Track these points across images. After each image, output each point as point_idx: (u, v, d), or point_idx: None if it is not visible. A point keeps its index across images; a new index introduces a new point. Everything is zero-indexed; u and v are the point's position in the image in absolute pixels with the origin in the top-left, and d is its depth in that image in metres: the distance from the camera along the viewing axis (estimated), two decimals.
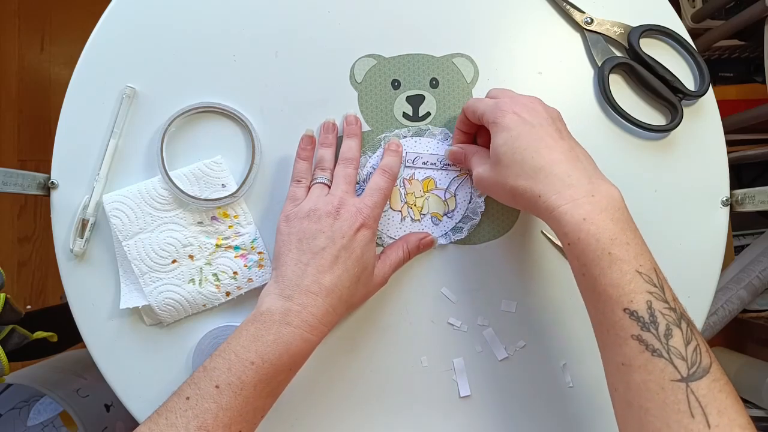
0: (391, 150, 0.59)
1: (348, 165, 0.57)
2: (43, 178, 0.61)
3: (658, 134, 0.61)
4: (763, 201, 0.58)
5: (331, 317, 0.51)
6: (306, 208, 0.54)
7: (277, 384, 0.49)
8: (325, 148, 0.59)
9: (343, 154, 0.58)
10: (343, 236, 0.51)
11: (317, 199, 0.54)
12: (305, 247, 0.52)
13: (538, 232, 0.61)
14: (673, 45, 0.62)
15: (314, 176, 0.57)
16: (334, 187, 0.55)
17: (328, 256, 0.51)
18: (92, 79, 0.61)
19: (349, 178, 0.56)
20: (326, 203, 0.53)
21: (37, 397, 1.01)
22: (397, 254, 0.57)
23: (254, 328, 0.49)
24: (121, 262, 0.59)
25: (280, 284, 0.51)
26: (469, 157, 0.57)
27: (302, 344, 0.49)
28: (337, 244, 0.51)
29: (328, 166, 0.58)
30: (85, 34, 0.62)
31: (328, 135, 0.59)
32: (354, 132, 0.59)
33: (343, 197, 0.54)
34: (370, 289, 0.55)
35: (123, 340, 0.60)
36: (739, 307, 1.07)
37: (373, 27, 0.62)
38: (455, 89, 0.61)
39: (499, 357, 0.60)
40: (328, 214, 0.53)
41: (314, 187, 0.56)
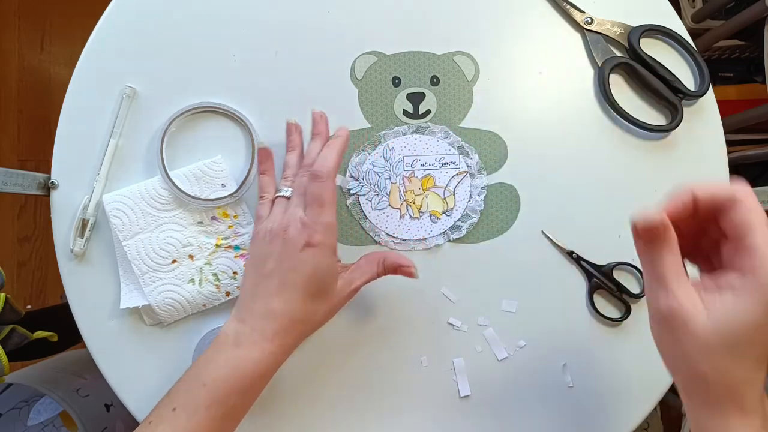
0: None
1: (305, 172, 0.54)
2: (43, 178, 0.61)
3: (658, 134, 0.61)
4: (764, 201, 0.58)
5: (286, 339, 0.50)
6: (265, 229, 0.53)
7: (232, 407, 0.48)
8: (289, 153, 0.57)
9: (304, 159, 0.55)
10: (290, 257, 0.50)
11: (274, 217, 0.53)
12: (258, 271, 0.51)
13: (539, 231, 0.61)
14: (673, 45, 0.62)
15: (277, 188, 0.56)
16: (291, 200, 0.53)
17: (276, 279, 0.50)
18: (92, 79, 0.61)
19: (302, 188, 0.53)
20: (279, 224, 0.51)
21: (37, 397, 1.01)
22: (370, 270, 0.54)
23: (210, 351, 0.49)
24: (121, 262, 0.59)
25: (237, 307, 0.51)
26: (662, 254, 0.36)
27: (253, 366, 0.48)
28: (284, 265, 0.50)
29: (291, 174, 0.56)
30: (85, 34, 0.62)
31: (291, 137, 0.57)
32: (319, 131, 0.56)
33: (293, 214, 0.51)
34: (334, 303, 0.52)
35: (123, 340, 0.60)
36: None
37: (374, 24, 0.62)
38: (456, 87, 0.61)
39: (499, 357, 0.60)
40: (278, 235, 0.51)
41: (276, 202, 0.55)
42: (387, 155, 0.61)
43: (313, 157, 0.54)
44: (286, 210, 0.52)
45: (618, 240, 0.60)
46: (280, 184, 0.56)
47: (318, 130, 0.56)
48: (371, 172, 0.61)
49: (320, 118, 0.57)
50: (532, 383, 0.60)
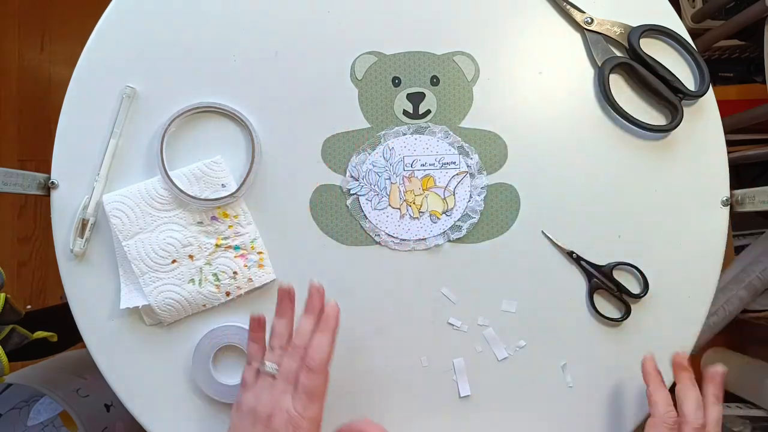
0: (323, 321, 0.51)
1: (294, 354, 0.50)
2: (43, 178, 0.61)
3: (658, 134, 0.61)
4: (763, 201, 0.58)
5: None
6: (247, 405, 0.50)
7: None
8: (279, 320, 0.53)
9: (293, 338, 0.52)
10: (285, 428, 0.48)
11: (260, 395, 0.50)
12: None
13: (539, 231, 0.61)
14: (673, 45, 0.62)
15: (263, 360, 0.52)
16: (277, 382, 0.50)
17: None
18: (92, 79, 0.61)
19: (292, 375, 0.50)
20: (263, 407, 0.49)
21: (37, 397, 1.01)
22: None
23: None
24: (121, 262, 0.59)
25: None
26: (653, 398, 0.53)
27: None
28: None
29: (278, 344, 0.52)
30: (85, 34, 0.62)
31: (283, 304, 0.53)
32: (313, 306, 0.52)
33: (279, 401, 0.49)
34: None
35: (123, 340, 0.60)
36: (740, 307, 1.07)
37: (374, 24, 0.62)
38: (456, 87, 0.61)
39: (499, 357, 0.60)
40: (261, 420, 0.49)
41: (261, 377, 0.51)
42: (387, 155, 0.61)
43: (305, 337, 0.51)
44: (272, 392, 0.50)
45: (618, 240, 0.60)
46: (265, 356, 0.52)
47: (313, 307, 0.52)
48: (371, 172, 0.61)
49: (317, 292, 0.53)
50: (532, 383, 0.60)
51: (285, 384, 0.50)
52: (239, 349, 0.59)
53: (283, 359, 0.51)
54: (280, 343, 0.52)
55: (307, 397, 0.49)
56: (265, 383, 0.50)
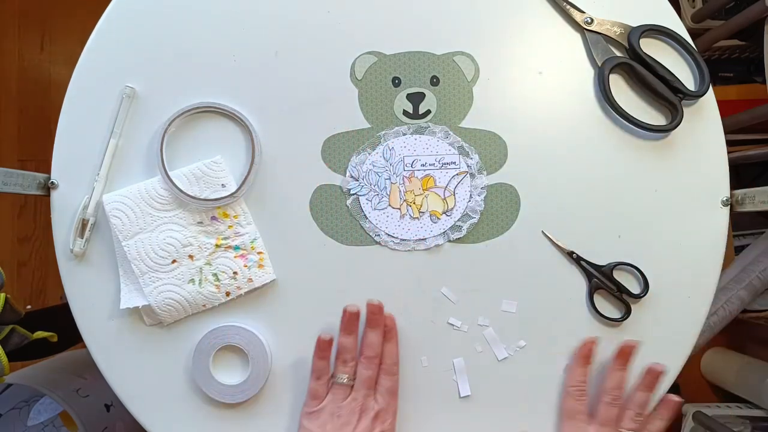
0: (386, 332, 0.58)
1: (369, 366, 0.57)
2: (43, 178, 0.61)
3: (658, 134, 0.61)
4: (763, 201, 0.58)
5: None
6: (329, 412, 0.56)
7: None
8: (346, 336, 0.58)
9: (363, 351, 0.57)
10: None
11: (341, 402, 0.56)
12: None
13: (539, 231, 0.61)
14: (673, 45, 0.62)
15: (335, 373, 0.58)
16: (356, 390, 0.57)
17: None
18: (92, 79, 0.61)
19: (370, 381, 0.57)
20: (349, 410, 0.56)
21: (37, 397, 1.01)
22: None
23: None
24: (121, 262, 0.59)
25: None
26: None
27: None
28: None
29: (350, 358, 0.57)
30: (85, 34, 0.62)
31: (350, 323, 0.58)
32: (377, 322, 0.58)
33: (365, 404, 0.56)
34: None
35: (123, 340, 0.60)
36: (739, 307, 1.07)
37: (374, 24, 0.62)
38: (456, 87, 0.61)
39: (499, 357, 0.60)
40: (350, 422, 0.55)
41: (335, 388, 0.57)
42: (387, 155, 0.61)
43: (376, 348, 0.57)
44: (354, 397, 0.56)
45: (618, 240, 0.60)
46: (336, 370, 0.58)
47: (376, 322, 0.58)
48: (371, 172, 0.61)
49: (379, 310, 0.58)
50: (532, 383, 0.60)
51: (366, 389, 0.57)
52: (239, 349, 0.59)
53: (360, 369, 0.57)
54: (349, 357, 0.57)
55: (389, 395, 0.57)
56: (341, 393, 0.57)
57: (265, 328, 0.61)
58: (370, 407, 0.56)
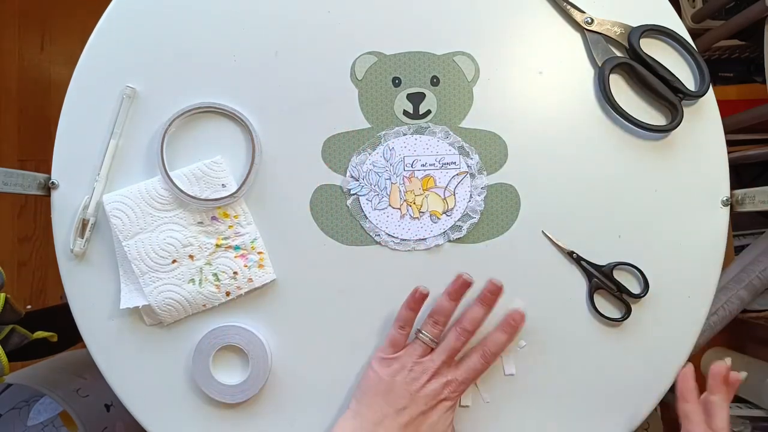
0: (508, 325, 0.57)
1: (461, 337, 0.56)
2: (43, 178, 0.61)
3: (659, 134, 0.61)
4: (763, 201, 0.58)
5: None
6: (402, 364, 0.56)
7: None
8: (450, 301, 0.57)
9: (463, 322, 0.57)
10: (425, 404, 0.55)
11: (417, 359, 0.56)
12: (390, 400, 0.55)
13: (539, 231, 0.61)
14: (674, 45, 0.62)
15: (422, 328, 0.57)
16: (436, 353, 0.56)
17: (406, 416, 0.54)
18: (92, 78, 0.62)
19: (454, 351, 0.56)
20: (422, 369, 0.55)
21: (37, 397, 1.01)
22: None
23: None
24: (121, 262, 0.59)
25: (357, 422, 0.55)
26: None
27: None
28: (418, 408, 0.55)
29: (442, 321, 0.57)
30: (85, 34, 0.62)
31: (460, 290, 0.57)
32: (489, 301, 0.57)
33: (439, 369, 0.56)
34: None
35: (123, 340, 0.60)
36: (739, 307, 1.07)
37: (374, 25, 0.62)
38: (456, 87, 0.61)
39: (506, 371, 0.60)
40: (419, 379, 0.55)
41: (416, 342, 0.57)
42: (387, 155, 0.61)
43: (475, 323, 0.57)
44: (432, 360, 0.56)
45: (618, 240, 0.60)
46: (426, 326, 0.57)
47: (487, 299, 0.57)
48: (371, 172, 0.61)
49: (497, 289, 0.58)
50: (532, 383, 0.60)
51: (446, 356, 0.56)
52: (239, 349, 0.59)
53: (449, 336, 0.56)
54: (441, 320, 0.57)
55: (471, 372, 0.56)
56: (419, 349, 0.56)
57: (265, 328, 0.61)
58: (444, 373, 0.56)
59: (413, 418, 0.54)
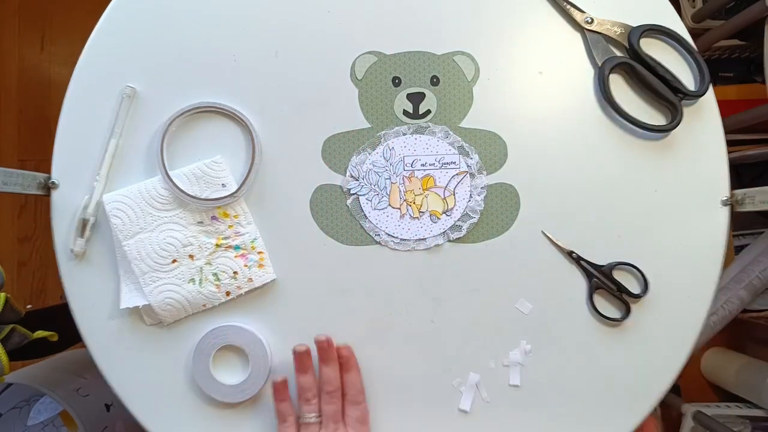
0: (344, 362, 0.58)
1: (332, 400, 0.57)
2: (44, 178, 0.61)
3: (658, 134, 0.61)
4: (763, 201, 0.58)
5: None
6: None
7: None
8: (302, 375, 0.58)
9: (324, 387, 0.57)
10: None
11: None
12: None
13: (539, 231, 0.61)
14: (674, 45, 0.62)
15: (301, 413, 0.57)
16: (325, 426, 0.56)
17: None
18: (92, 78, 0.62)
19: (336, 413, 0.57)
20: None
21: (37, 397, 1.01)
22: None
23: None
24: (121, 262, 0.59)
25: None
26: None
27: None
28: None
29: (312, 396, 0.57)
30: (85, 34, 0.62)
31: (303, 361, 0.58)
32: (329, 357, 0.58)
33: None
34: None
35: (123, 340, 0.60)
36: (739, 307, 1.07)
37: (374, 24, 0.62)
38: (456, 87, 0.61)
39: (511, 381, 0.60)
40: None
41: (304, 428, 0.57)
42: (387, 155, 0.61)
43: (334, 383, 0.57)
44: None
45: (618, 240, 0.60)
46: (301, 409, 0.57)
47: (328, 358, 0.58)
48: (371, 172, 0.61)
49: (328, 345, 0.58)
50: (532, 383, 0.60)
51: (334, 423, 0.56)
52: (239, 349, 0.59)
53: (324, 406, 0.57)
54: (310, 395, 0.57)
55: (359, 423, 0.57)
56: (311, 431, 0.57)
57: (265, 328, 0.61)
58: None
59: None
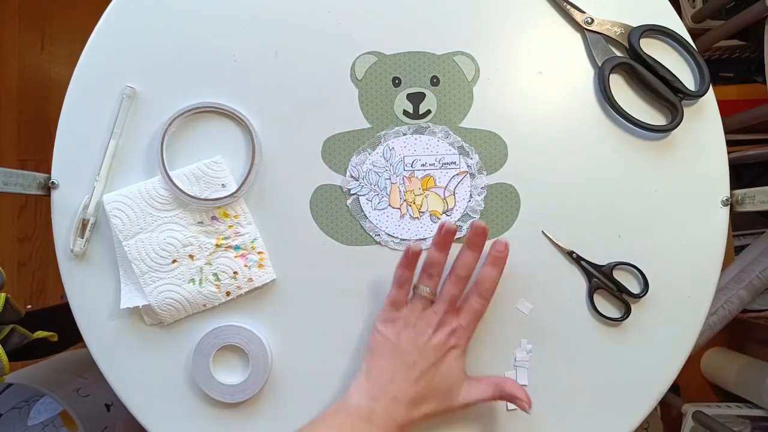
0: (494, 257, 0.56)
1: (457, 283, 0.56)
2: (44, 178, 0.61)
3: (659, 134, 0.61)
4: (763, 201, 0.58)
5: (408, 424, 0.54)
6: (405, 321, 0.56)
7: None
8: (439, 251, 0.56)
9: (456, 269, 0.56)
10: (434, 355, 0.55)
11: (419, 313, 0.56)
12: (398, 357, 0.55)
13: (539, 231, 0.61)
14: (674, 45, 0.62)
15: (418, 284, 0.56)
16: (437, 304, 0.56)
17: (417, 370, 0.54)
18: (92, 79, 0.62)
19: (454, 299, 0.56)
20: (426, 321, 0.55)
21: (38, 397, 1.01)
22: (485, 391, 0.57)
23: (340, 419, 0.54)
24: (122, 262, 0.59)
25: (370, 383, 0.55)
26: None
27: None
28: (428, 361, 0.55)
29: (436, 272, 0.56)
30: (85, 34, 0.62)
31: (446, 239, 0.56)
32: (476, 244, 0.56)
33: (442, 319, 0.55)
34: (452, 406, 0.56)
35: (123, 340, 0.60)
36: (739, 307, 1.07)
37: (374, 24, 0.62)
38: (456, 87, 0.61)
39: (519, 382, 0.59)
40: (424, 333, 0.55)
41: (416, 298, 0.56)
42: (387, 155, 0.61)
43: (468, 269, 0.56)
44: (434, 311, 0.56)
45: (618, 240, 0.60)
46: (421, 281, 0.56)
47: (475, 244, 0.56)
48: (371, 172, 0.61)
49: (483, 232, 0.56)
50: (532, 383, 0.60)
51: (447, 306, 0.55)
52: (239, 349, 0.59)
53: (446, 285, 0.56)
54: (435, 272, 0.56)
55: (473, 316, 0.56)
56: (420, 304, 0.56)
57: (265, 328, 0.61)
58: (448, 322, 0.55)
59: (424, 372, 0.54)
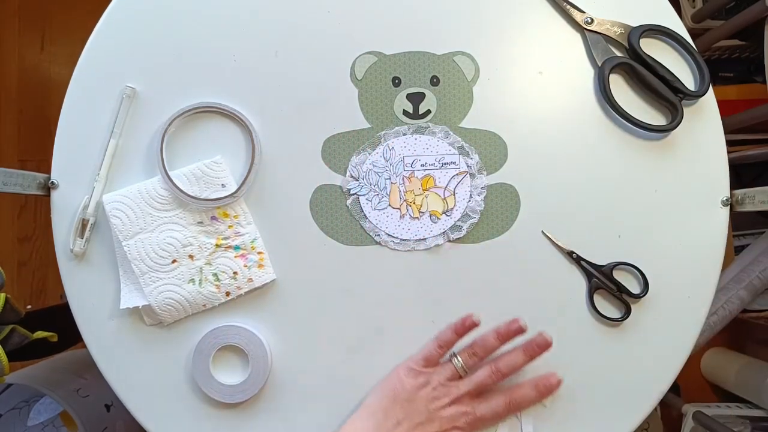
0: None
1: (493, 376, 0.56)
2: (43, 178, 0.61)
3: (659, 134, 0.61)
4: (763, 201, 0.58)
5: None
6: (429, 380, 0.56)
7: None
8: (496, 339, 0.57)
9: (500, 363, 0.57)
10: (440, 425, 0.55)
11: (444, 381, 0.56)
12: (408, 411, 0.55)
13: (539, 231, 0.61)
14: (674, 45, 0.62)
15: (458, 354, 0.57)
16: (464, 382, 0.56)
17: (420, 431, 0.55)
18: (92, 79, 0.62)
19: (482, 387, 0.56)
20: (446, 391, 0.56)
21: (37, 397, 1.01)
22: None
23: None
24: (121, 262, 0.59)
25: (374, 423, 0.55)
26: None
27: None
28: (433, 427, 0.55)
29: (480, 355, 0.57)
30: (85, 34, 0.62)
31: (511, 334, 0.57)
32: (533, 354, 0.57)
33: (462, 397, 0.56)
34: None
35: (123, 340, 0.60)
36: (739, 307, 1.07)
37: (374, 24, 0.62)
38: (456, 87, 0.61)
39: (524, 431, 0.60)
40: (440, 400, 0.56)
41: (448, 365, 0.57)
42: (387, 155, 0.61)
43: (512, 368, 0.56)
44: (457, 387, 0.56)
45: (618, 240, 0.60)
46: (462, 351, 0.57)
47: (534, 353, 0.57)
48: (371, 172, 0.61)
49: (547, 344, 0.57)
50: None
51: (473, 388, 0.56)
52: (239, 349, 0.59)
53: (482, 372, 0.56)
54: (480, 354, 0.57)
55: (490, 416, 0.56)
56: (448, 372, 0.57)
57: (265, 328, 0.61)
58: (465, 403, 0.56)
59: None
